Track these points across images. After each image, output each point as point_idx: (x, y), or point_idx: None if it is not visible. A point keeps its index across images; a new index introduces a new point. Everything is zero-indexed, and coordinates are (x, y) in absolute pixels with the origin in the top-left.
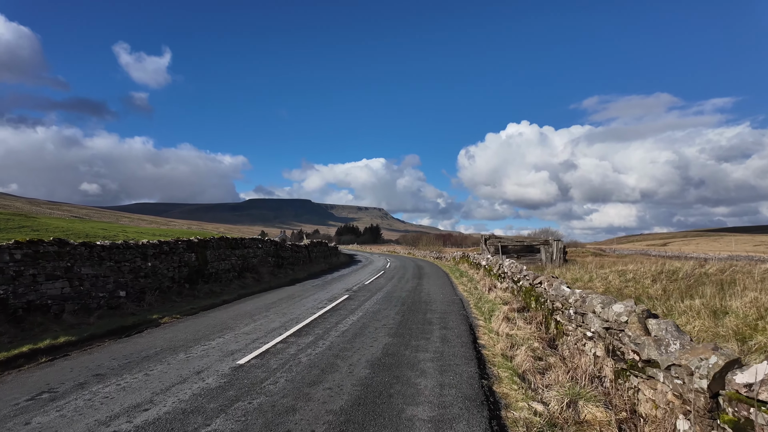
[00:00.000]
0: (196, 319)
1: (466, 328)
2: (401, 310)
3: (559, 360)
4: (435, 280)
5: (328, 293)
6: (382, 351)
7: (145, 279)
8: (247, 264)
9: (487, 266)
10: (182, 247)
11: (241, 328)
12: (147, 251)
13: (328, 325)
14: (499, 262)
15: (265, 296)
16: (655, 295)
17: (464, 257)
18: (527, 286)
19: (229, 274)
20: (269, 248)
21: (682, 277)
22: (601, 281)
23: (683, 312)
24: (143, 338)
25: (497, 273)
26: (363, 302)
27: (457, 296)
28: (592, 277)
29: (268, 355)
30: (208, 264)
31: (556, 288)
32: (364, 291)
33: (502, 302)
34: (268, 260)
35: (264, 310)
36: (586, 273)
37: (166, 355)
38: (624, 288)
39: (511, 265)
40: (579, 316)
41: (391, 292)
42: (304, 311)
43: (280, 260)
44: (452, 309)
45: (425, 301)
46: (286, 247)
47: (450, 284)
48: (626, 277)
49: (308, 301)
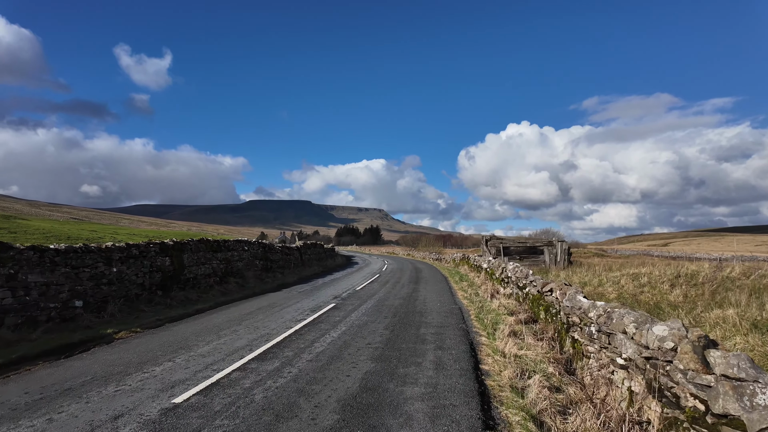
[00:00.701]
0: (155, 334)
1: (466, 347)
2: (391, 324)
3: (580, 390)
4: (432, 286)
5: (313, 301)
6: (361, 383)
7: (109, 286)
8: (231, 268)
9: (488, 269)
10: (154, 251)
11: (200, 347)
12: (112, 255)
13: (302, 343)
14: (501, 265)
15: (244, 304)
16: (675, 302)
17: (464, 259)
18: (535, 293)
19: (210, 279)
20: (257, 251)
21: (702, 281)
22: (613, 286)
23: (716, 324)
24: (82, 361)
25: (500, 277)
26: (350, 313)
27: (456, 305)
28: (602, 280)
29: (217, 389)
30: (185, 269)
31: (571, 298)
32: (353, 298)
33: (507, 312)
34: (255, 263)
35: (235, 323)
36: (594, 276)
37: (93, 386)
38: (639, 294)
39: (515, 269)
40: (604, 336)
41: (383, 299)
42: (280, 324)
43: (268, 263)
44: (450, 321)
45: (420, 312)
46: (275, 249)
47: (449, 290)
48: (640, 281)
49: (289, 312)
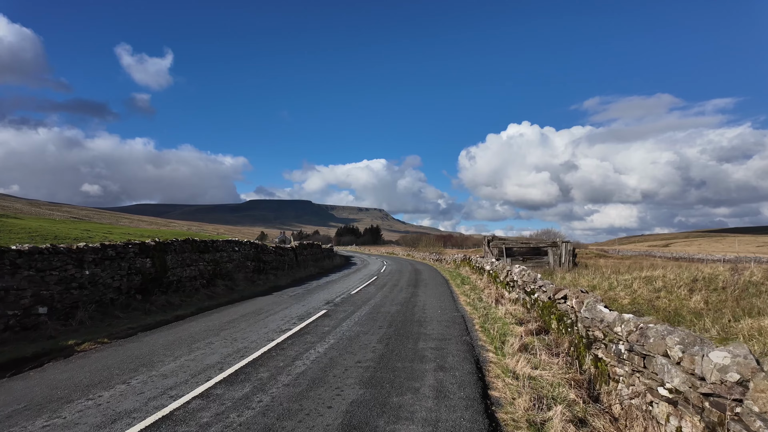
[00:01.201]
0: (122, 345)
1: (471, 367)
2: (386, 335)
3: (610, 424)
4: (433, 289)
5: (303, 307)
6: (344, 419)
7: (80, 291)
8: (220, 270)
9: (491, 272)
10: (134, 252)
11: (165, 364)
12: (84, 257)
13: (282, 361)
14: (506, 267)
15: (228, 310)
16: (696, 309)
17: (466, 260)
18: (545, 300)
19: (196, 282)
20: (248, 251)
21: (723, 285)
22: (625, 290)
23: (750, 336)
24: (26, 381)
25: (505, 281)
26: (341, 322)
27: (459, 312)
28: (612, 284)
29: (166, 426)
30: (168, 271)
31: (590, 308)
32: (347, 304)
33: (515, 321)
34: (246, 265)
35: (213, 334)
36: (603, 279)
37: (19, 419)
38: (655, 299)
39: (522, 272)
40: (637, 357)
41: (379, 305)
42: (262, 336)
43: (261, 265)
44: (453, 333)
45: (419, 321)
46: (268, 249)
47: (450, 294)
48: (654, 285)
49: (274, 319)
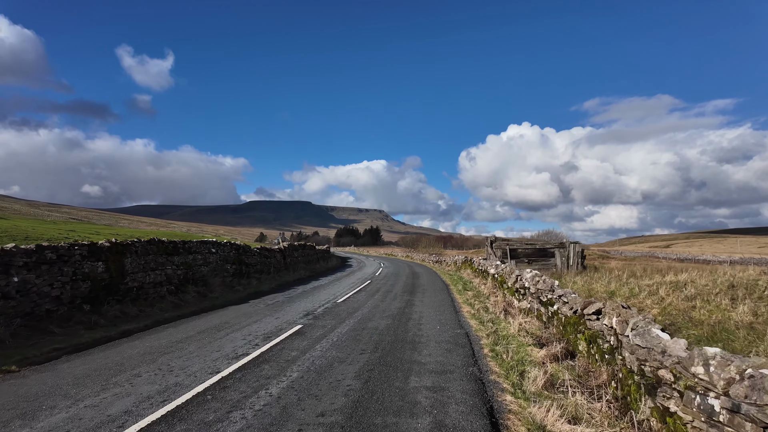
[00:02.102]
0: (24, 378)
1: (483, 423)
2: (368, 365)
3: None
4: (431, 297)
5: (277, 320)
6: None
7: (5, 301)
8: (193, 274)
9: (497, 276)
10: (80, 254)
11: (55, 413)
12: (12, 260)
13: (213, 411)
14: (514, 272)
15: (188, 324)
16: (745, 322)
17: (467, 262)
18: (569, 314)
19: (162, 288)
20: (227, 253)
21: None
22: (650, 297)
23: None
24: None
25: (513, 287)
26: (315, 342)
27: (462, 329)
28: (633, 290)
29: None
30: (126, 276)
31: (643, 334)
32: (329, 316)
33: (531, 340)
34: (225, 268)
35: (149, 360)
36: (620, 284)
37: None
38: (690, 310)
39: (535, 278)
40: (749, 424)
41: (366, 318)
42: (208, 365)
43: (242, 268)
44: (455, 360)
45: (412, 341)
46: (251, 251)
47: (450, 303)
48: (684, 292)
49: (234, 338)
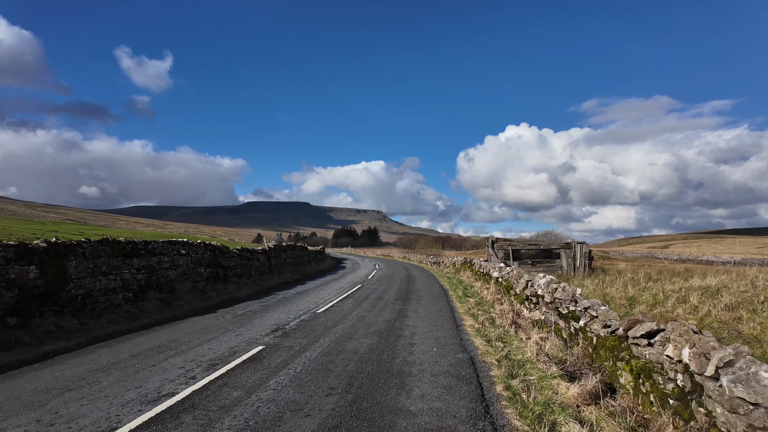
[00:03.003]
0: None
1: None
2: (333, 419)
3: None
4: (427, 305)
5: (238, 336)
6: None
7: None
8: (158, 279)
9: (501, 280)
10: (4, 257)
11: None
12: None
13: None
14: (522, 276)
15: (128, 342)
16: None
17: (467, 264)
18: (603, 334)
19: (116, 296)
20: (201, 255)
21: None
22: (680, 305)
23: None
24: None
25: (522, 294)
26: (272, 374)
27: (465, 352)
28: (657, 296)
29: None
30: (68, 282)
31: (747, 381)
32: (301, 332)
33: (557, 368)
34: (198, 272)
35: (35, 404)
36: (638, 288)
37: None
38: (735, 322)
39: (551, 284)
40: None
41: (347, 335)
42: (109, 415)
43: (218, 271)
44: (458, 409)
45: (399, 374)
46: (230, 253)
47: (450, 313)
48: (721, 299)
49: (171, 366)
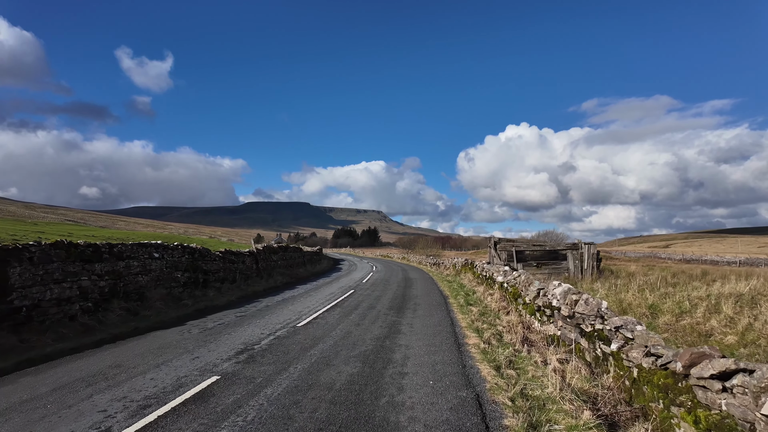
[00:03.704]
0: None
1: None
2: None
3: None
4: (425, 316)
5: (195, 360)
6: None
7: None
8: (125, 286)
9: (507, 286)
10: None
11: None
12: None
13: None
14: (533, 282)
15: (62, 368)
16: None
17: (467, 265)
18: (648, 366)
19: (72, 306)
20: (177, 258)
21: None
22: (713, 316)
23: None
24: None
25: (533, 303)
26: (210, 428)
27: (470, 387)
28: (682, 304)
29: None
30: (11, 292)
31: None
32: (270, 356)
33: (589, 412)
34: (174, 277)
35: None
36: (657, 294)
37: None
38: None
39: (569, 294)
40: None
41: (324, 360)
42: None
43: (198, 276)
44: None
45: (383, 424)
46: (212, 256)
47: (450, 328)
48: (760, 309)
49: (82, 411)
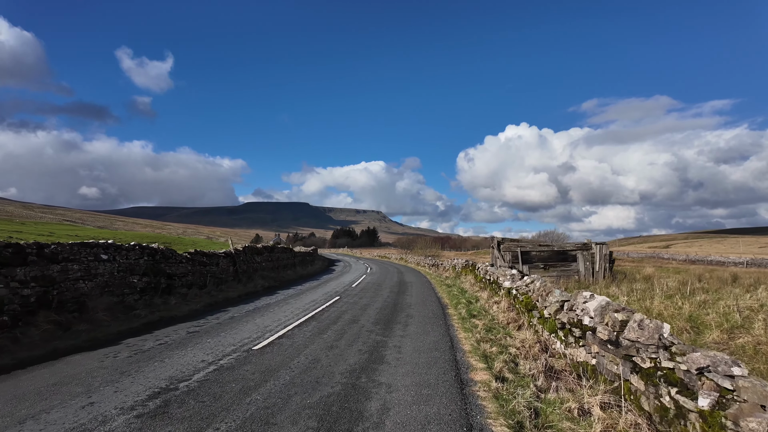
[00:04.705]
0: None
1: None
2: None
3: None
4: (417, 336)
5: (78, 414)
6: None
7: None
8: (61, 294)
9: (517, 293)
10: None
11: None
12: None
13: None
14: (552, 292)
15: None
16: None
17: (468, 267)
18: None
19: None
20: (134, 260)
21: None
22: None
23: None
24: None
25: (554, 319)
26: None
27: None
28: (730, 317)
29: None
30: None
31: None
32: (191, 404)
33: None
34: (129, 282)
35: None
36: (687, 302)
37: None
38: None
39: (607, 312)
40: None
41: (264, 417)
42: None
43: (160, 281)
44: None
45: None
46: (178, 257)
47: (450, 353)
48: None
49: None
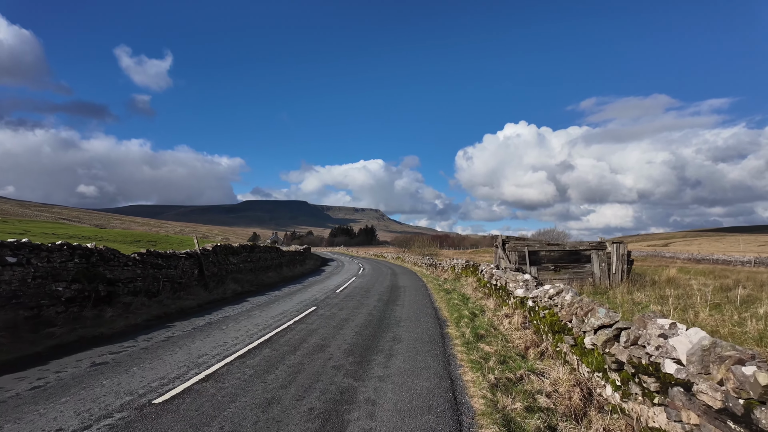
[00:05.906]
0: None
1: None
2: None
3: None
4: (405, 378)
5: None
6: None
7: None
8: None
9: (534, 305)
10: None
11: None
12: None
13: None
14: (592, 311)
15: None
16: None
17: (469, 268)
18: None
19: None
20: (60, 263)
21: None
22: None
23: None
24: None
25: (601, 352)
26: None
27: None
28: None
29: None
30: None
31: None
32: None
33: None
34: (51, 292)
35: None
36: (748, 315)
37: None
38: None
39: (709, 355)
40: None
41: None
42: None
43: (97, 287)
44: None
45: None
46: (124, 259)
47: (455, 416)
48: None
49: None
